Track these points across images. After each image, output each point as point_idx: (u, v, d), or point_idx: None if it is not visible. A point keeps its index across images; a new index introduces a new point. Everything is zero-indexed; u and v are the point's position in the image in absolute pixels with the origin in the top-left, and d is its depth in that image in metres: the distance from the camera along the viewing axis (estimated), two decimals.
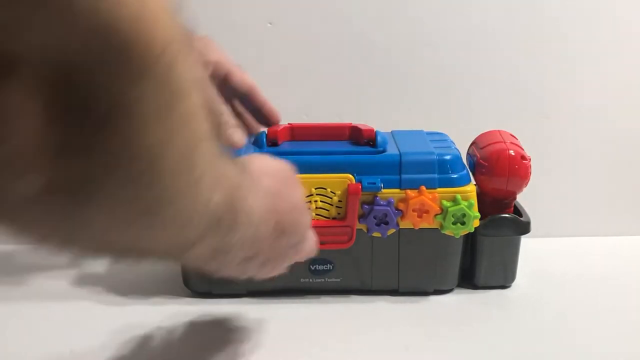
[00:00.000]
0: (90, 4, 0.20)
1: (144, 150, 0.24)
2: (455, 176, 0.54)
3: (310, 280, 0.56)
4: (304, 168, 0.48)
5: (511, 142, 0.56)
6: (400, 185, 0.53)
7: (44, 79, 0.20)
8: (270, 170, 0.41)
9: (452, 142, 0.58)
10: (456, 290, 0.58)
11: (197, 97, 0.26)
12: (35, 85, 0.20)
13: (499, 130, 0.59)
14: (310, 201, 0.53)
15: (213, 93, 0.28)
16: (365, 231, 0.54)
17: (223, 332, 0.52)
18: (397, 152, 0.54)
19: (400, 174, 0.53)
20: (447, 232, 0.54)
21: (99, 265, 0.64)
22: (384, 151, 0.54)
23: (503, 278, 0.58)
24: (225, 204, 0.31)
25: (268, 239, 0.39)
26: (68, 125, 0.21)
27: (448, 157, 0.54)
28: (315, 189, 0.53)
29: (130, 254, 0.31)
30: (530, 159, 0.55)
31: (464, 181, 0.54)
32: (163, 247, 0.31)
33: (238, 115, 0.56)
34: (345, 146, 0.56)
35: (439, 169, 0.53)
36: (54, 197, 0.23)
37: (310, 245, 0.46)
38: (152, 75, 0.22)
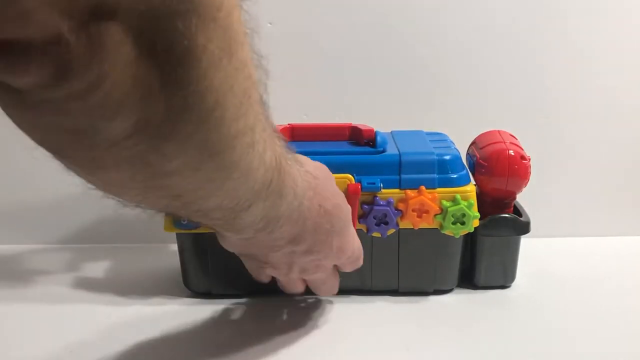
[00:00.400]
0: None
1: (211, 90, 0.27)
2: (454, 176, 0.54)
3: None
4: None
5: (511, 142, 0.56)
6: (400, 185, 0.53)
7: (134, 25, 0.23)
8: (308, 163, 0.43)
9: (451, 142, 0.58)
10: (456, 290, 0.58)
11: (249, 48, 0.30)
12: (128, 30, 0.23)
13: (498, 130, 0.59)
14: None
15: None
16: (365, 231, 0.54)
17: (223, 332, 0.52)
18: (397, 152, 0.54)
19: (400, 174, 0.53)
20: (446, 232, 0.54)
21: (99, 266, 0.64)
22: (383, 151, 0.54)
23: (503, 278, 0.58)
24: (275, 166, 0.35)
25: (312, 218, 0.41)
26: (151, 67, 0.25)
27: (448, 157, 0.54)
28: None
29: (195, 209, 0.34)
30: (530, 159, 0.55)
31: (464, 181, 0.54)
32: (224, 200, 0.34)
33: None
34: (345, 146, 0.56)
35: (438, 169, 0.53)
36: (138, 138, 0.27)
37: (356, 246, 0.47)
38: (216, 22, 0.26)
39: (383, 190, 0.53)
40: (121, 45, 0.23)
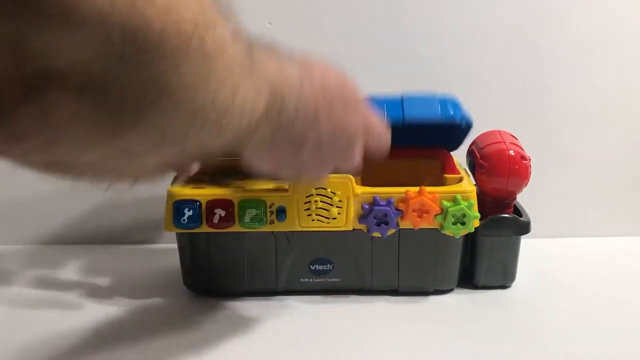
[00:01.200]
0: (123, 15, 0.21)
1: (191, 111, 0.26)
2: (455, 112, 0.54)
3: (310, 280, 0.56)
4: None
5: (511, 142, 0.56)
6: (403, 120, 0.53)
7: (92, 87, 0.22)
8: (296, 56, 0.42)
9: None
10: (456, 290, 0.58)
11: (233, 47, 0.28)
12: (83, 94, 0.22)
13: (498, 130, 0.59)
14: (310, 201, 0.53)
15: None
16: (365, 231, 0.54)
17: (223, 332, 0.52)
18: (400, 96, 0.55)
19: (402, 110, 0.54)
20: (447, 232, 0.54)
21: (98, 265, 0.64)
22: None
23: (503, 278, 0.58)
24: (270, 91, 0.34)
25: (320, 99, 0.39)
26: (120, 119, 0.24)
27: (449, 97, 0.55)
28: (315, 189, 0.53)
29: (198, 153, 0.34)
30: (530, 159, 0.55)
31: (467, 120, 0.55)
32: (228, 139, 0.32)
33: None
34: None
35: (440, 106, 0.54)
36: (114, 160, 0.27)
37: (378, 119, 0.45)
38: (187, 55, 0.24)
39: (383, 189, 0.53)
40: (75, 108, 0.22)
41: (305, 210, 0.53)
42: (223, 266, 0.55)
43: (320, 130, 0.40)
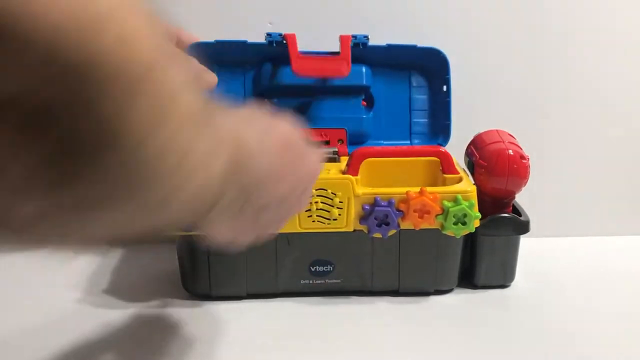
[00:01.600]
0: (69, 45, 0.19)
1: (142, 163, 0.23)
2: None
3: (311, 281, 0.56)
4: None
5: (510, 142, 0.56)
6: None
7: (34, 120, 0.19)
8: (249, 116, 0.39)
9: None
10: (456, 290, 0.58)
11: (189, 95, 0.25)
12: (23, 129, 0.19)
13: (497, 130, 0.59)
14: (310, 202, 0.52)
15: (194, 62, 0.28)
16: (366, 232, 0.54)
17: (223, 335, 0.52)
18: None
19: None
20: (448, 232, 0.54)
21: (97, 267, 0.64)
22: None
23: (502, 277, 0.59)
24: (230, 163, 0.31)
25: (280, 158, 0.38)
26: (63, 159, 0.21)
27: None
28: (316, 190, 0.52)
29: (153, 232, 0.31)
30: (529, 159, 0.55)
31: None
32: (189, 201, 0.29)
33: None
34: None
35: None
36: (56, 216, 0.23)
37: (319, 159, 0.44)
38: (143, 94, 0.22)
39: (384, 190, 0.53)
40: (16, 145, 0.20)
41: (306, 211, 0.53)
42: (223, 268, 0.55)
43: (283, 188, 0.39)
